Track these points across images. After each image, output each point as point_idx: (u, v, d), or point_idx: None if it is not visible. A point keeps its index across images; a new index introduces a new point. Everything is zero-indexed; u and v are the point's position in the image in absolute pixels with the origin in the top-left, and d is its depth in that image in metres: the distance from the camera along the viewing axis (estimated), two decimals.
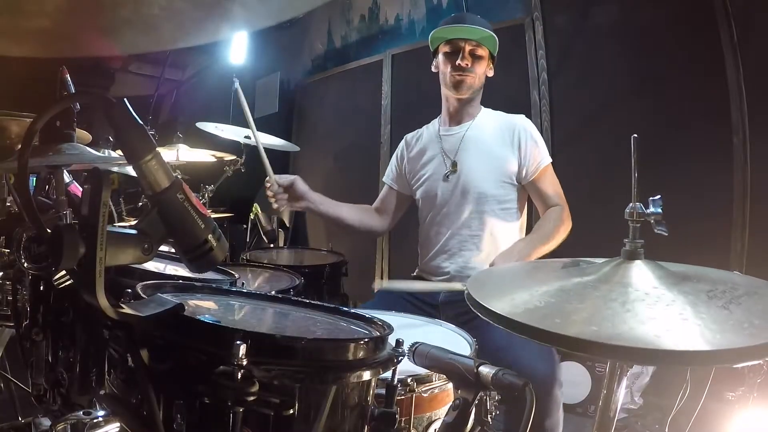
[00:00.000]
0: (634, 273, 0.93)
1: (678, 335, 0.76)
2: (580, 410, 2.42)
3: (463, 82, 1.96)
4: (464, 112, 2.05)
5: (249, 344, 0.67)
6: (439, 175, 2.03)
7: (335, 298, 2.44)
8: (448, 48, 1.98)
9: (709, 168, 2.36)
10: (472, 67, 1.95)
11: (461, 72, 1.95)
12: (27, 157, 0.69)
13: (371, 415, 0.81)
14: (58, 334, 1.10)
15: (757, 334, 0.75)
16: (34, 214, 0.68)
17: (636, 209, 0.98)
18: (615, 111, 2.69)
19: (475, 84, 1.98)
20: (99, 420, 0.92)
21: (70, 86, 1.39)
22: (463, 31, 1.96)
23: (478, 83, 1.99)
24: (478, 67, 1.97)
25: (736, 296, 0.86)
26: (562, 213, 1.92)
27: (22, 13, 0.61)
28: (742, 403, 1.54)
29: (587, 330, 0.77)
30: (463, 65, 1.94)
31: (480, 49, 1.95)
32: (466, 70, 1.94)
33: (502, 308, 0.86)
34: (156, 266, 1.33)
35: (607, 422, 0.96)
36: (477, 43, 1.95)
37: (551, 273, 1.04)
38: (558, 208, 1.94)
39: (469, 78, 1.95)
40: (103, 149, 2.42)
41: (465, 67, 1.94)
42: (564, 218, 1.91)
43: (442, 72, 2.02)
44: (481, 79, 2.00)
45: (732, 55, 2.28)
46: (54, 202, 1.38)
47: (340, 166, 4.21)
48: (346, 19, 4.46)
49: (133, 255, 0.73)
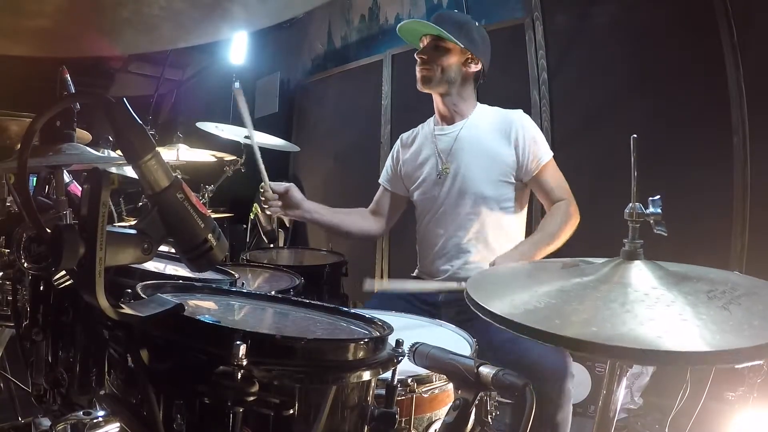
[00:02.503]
0: (633, 273, 0.93)
1: (678, 336, 0.76)
2: (580, 410, 2.41)
3: (421, 74, 1.96)
4: (453, 111, 2.02)
5: (249, 344, 0.67)
6: (434, 176, 2.01)
7: (335, 298, 2.44)
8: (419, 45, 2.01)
9: (708, 167, 2.36)
10: (432, 60, 1.94)
11: (422, 65, 1.96)
12: (27, 156, 0.69)
13: (371, 415, 0.81)
14: (58, 334, 1.10)
15: (757, 335, 0.75)
16: (34, 214, 0.68)
17: (635, 209, 0.98)
18: (615, 111, 2.69)
19: (437, 77, 1.94)
20: (99, 420, 0.91)
21: (70, 86, 1.39)
22: (414, 24, 2.00)
23: (441, 76, 1.95)
24: (442, 60, 1.94)
25: (736, 296, 0.86)
26: (568, 208, 1.87)
27: (22, 13, 0.61)
28: (742, 403, 1.54)
29: (587, 331, 0.77)
30: (419, 57, 1.96)
31: (443, 42, 1.93)
32: (424, 62, 1.95)
33: (501, 309, 0.86)
34: (156, 266, 1.33)
35: (607, 422, 0.96)
36: (438, 36, 1.93)
37: (551, 273, 1.04)
38: (564, 202, 1.88)
39: (428, 71, 1.94)
40: (103, 149, 2.41)
41: (423, 59, 1.95)
42: (571, 212, 1.86)
43: None
44: (450, 73, 1.95)
45: (732, 55, 2.28)
46: (54, 202, 1.38)
47: (340, 166, 4.21)
48: (346, 19, 4.46)
49: (133, 255, 0.73)
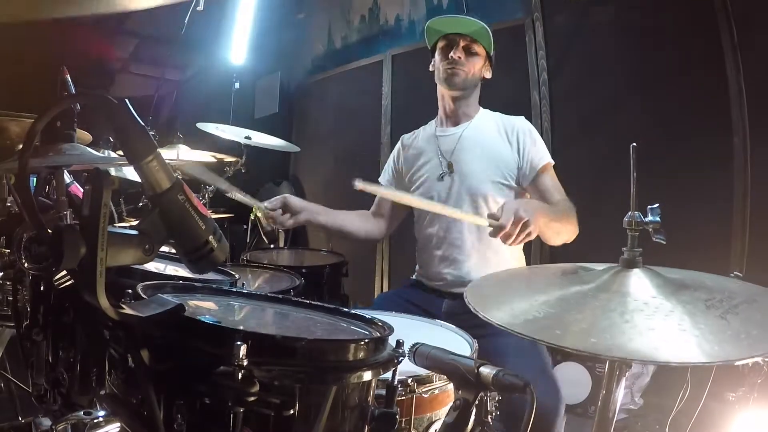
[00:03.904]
0: (632, 281, 0.93)
1: (676, 347, 0.76)
2: (579, 411, 2.41)
3: (456, 75, 1.93)
4: (460, 113, 2.02)
5: (249, 344, 0.67)
6: (435, 177, 2.00)
7: (335, 298, 2.44)
8: (444, 42, 1.98)
9: (709, 167, 2.36)
10: (466, 61, 1.93)
11: (454, 65, 1.93)
12: (28, 157, 0.69)
13: (371, 415, 0.81)
14: (58, 334, 1.10)
15: (755, 345, 0.75)
16: (35, 215, 0.68)
17: (634, 218, 0.98)
18: (615, 111, 2.69)
19: (468, 79, 1.95)
20: (99, 420, 0.92)
21: (71, 86, 1.39)
22: (459, 23, 1.97)
23: (471, 79, 1.96)
24: (472, 64, 1.94)
25: (734, 305, 0.86)
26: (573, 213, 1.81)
27: None
28: (742, 403, 1.54)
29: (587, 342, 0.77)
30: (455, 57, 1.92)
31: (475, 45, 1.94)
32: (459, 63, 1.92)
33: (501, 318, 0.86)
34: (156, 267, 1.33)
35: (607, 422, 0.96)
36: (472, 39, 1.93)
37: (550, 280, 1.03)
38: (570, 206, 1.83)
39: (462, 72, 1.93)
40: (103, 150, 2.42)
41: (458, 60, 1.92)
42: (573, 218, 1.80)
43: (436, 68, 2.01)
44: (476, 77, 1.97)
45: (732, 56, 2.28)
46: (54, 203, 1.38)
47: (341, 167, 4.21)
48: (347, 20, 4.46)
49: (134, 255, 0.73)
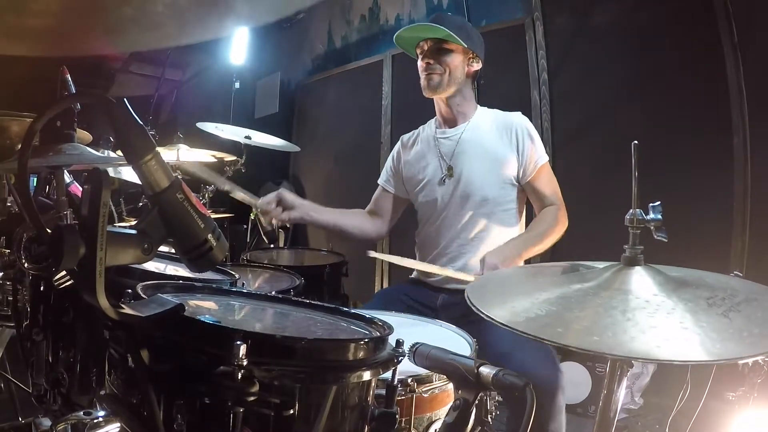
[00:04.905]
0: (634, 279, 0.92)
1: (678, 345, 0.76)
2: (580, 410, 2.42)
3: (431, 79, 1.92)
4: (456, 113, 2.01)
5: (249, 344, 0.66)
6: (437, 180, 2.00)
7: (335, 298, 2.44)
8: (418, 51, 1.98)
9: (709, 167, 2.36)
10: (438, 63, 1.92)
11: (427, 71, 1.93)
12: (27, 157, 0.69)
13: (371, 415, 0.81)
14: (58, 335, 1.10)
15: (757, 343, 0.75)
16: (35, 215, 0.68)
17: (636, 216, 0.98)
18: (615, 111, 2.69)
19: (447, 78, 1.93)
20: (99, 420, 0.92)
21: (71, 86, 1.39)
22: (418, 30, 1.96)
23: (451, 77, 1.93)
24: (447, 63, 1.92)
25: (736, 303, 0.86)
26: (557, 213, 1.89)
27: (25, 12, 0.61)
28: (742, 403, 1.54)
29: (588, 340, 0.77)
30: (424, 64, 1.93)
31: (446, 43, 1.92)
32: (430, 67, 1.92)
33: (502, 316, 0.86)
34: (156, 266, 1.33)
35: (608, 422, 0.96)
36: (439, 39, 1.91)
37: (551, 278, 1.03)
38: (554, 207, 1.90)
39: (436, 75, 1.92)
40: (103, 149, 2.42)
41: (428, 65, 1.92)
42: (559, 218, 1.88)
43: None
44: (457, 73, 1.94)
45: (732, 55, 2.28)
46: (54, 203, 1.38)
47: (341, 166, 4.21)
48: (347, 20, 4.46)
49: (134, 255, 0.73)
